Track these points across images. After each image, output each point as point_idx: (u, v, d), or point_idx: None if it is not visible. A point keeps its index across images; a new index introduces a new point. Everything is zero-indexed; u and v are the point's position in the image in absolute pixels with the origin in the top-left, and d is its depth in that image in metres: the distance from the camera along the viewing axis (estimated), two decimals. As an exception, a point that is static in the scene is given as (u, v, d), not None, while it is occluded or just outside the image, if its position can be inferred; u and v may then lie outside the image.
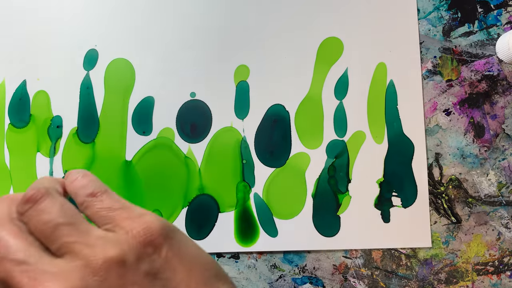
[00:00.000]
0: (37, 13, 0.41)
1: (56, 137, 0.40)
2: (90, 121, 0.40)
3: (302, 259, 0.40)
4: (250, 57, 0.40)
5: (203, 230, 0.39)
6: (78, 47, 0.41)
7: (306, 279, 0.40)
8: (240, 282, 0.40)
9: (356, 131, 0.40)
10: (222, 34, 0.40)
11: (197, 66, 0.40)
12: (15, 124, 0.40)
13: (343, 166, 0.39)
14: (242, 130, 0.40)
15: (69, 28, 0.41)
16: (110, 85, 0.40)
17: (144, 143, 0.40)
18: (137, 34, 0.41)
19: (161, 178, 0.39)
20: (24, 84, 0.41)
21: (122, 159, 0.40)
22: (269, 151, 0.40)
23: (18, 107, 0.40)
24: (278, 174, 0.39)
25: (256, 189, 0.39)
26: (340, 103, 0.40)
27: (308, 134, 0.40)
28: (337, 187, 0.39)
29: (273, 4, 0.41)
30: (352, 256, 0.39)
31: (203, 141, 0.40)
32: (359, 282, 0.39)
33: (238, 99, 0.40)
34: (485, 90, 0.39)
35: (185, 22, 0.41)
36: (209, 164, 0.40)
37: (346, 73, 0.40)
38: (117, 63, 0.41)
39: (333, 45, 0.40)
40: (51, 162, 0.40)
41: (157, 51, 0.40)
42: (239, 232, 0.39)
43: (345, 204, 0.39)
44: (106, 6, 0.41)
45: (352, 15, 0.40)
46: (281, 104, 0.40)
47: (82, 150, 0.40)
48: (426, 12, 0.40)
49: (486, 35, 0.40)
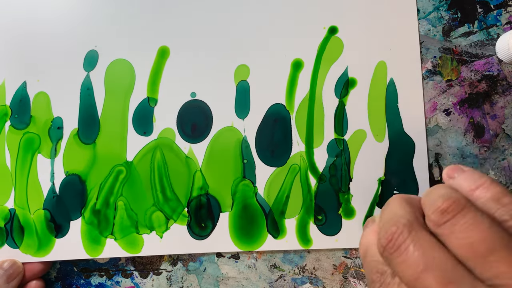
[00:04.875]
0: (37, 14, 0.41)
1: (57, 139, 0.40)
2: (90, 122, 0.40)
3: (302, 259, 0.40)
4: (250, 56, 0.40)
5: (204, 230, 0.39)
6: (78, 48, 0.41)
7: (306, 279, 0.40)
8: (240, 282, 0.40)
9: (357, 130, 0.40)
10: (222, 33, 0.40)
11: (197, 66, 0.40)
12: (16, 126, 0.40)
13: (344, 165, 0.39)
14: (242, 130, 0.40)
15: (69, 29, 0.41)
16: (110, 86, 0.40)
17: (145, 144, 0.40)
18: (137, 35, 0.41)
19: (162, 178, 0.40)
20: (24, 85, 0.40)
21: (123, 159, 0.40)
22: (270, 150, 0.40)
23: (19, 108, 0.40)
24: (279, 173, 0.40)
25: (257, 188, 0.39)
26: (340, 101, 0.40)
27: (308, 133, 0.40)
28: (338, 186, 0.39)
29: (273, 3, 0.40)
30: (352, 256, 0.40)
31: (204, 141, 0.40)
32: (359, 282, 0.40)
33: (238, 98, 0.40)
34: (485, 90, 0.39)
35: (185, 22, 0.40)
36: (210, 164, 0.40)
37: (346, 71, 0.40)
38: (118, 64, 0.40)
39: (333, 43, 0.40)
40: (52, 163, 0.40)
41: (157, 52, 0.40)
42: (240, 231, 0.39)
43: (346, 203, 0.39)
44: (106, 7, 0.41)
45: (352, 13, 0.40)
46: (282, 104, 0.40)
47: (83, 151, 0.40)
48: (426, 12, 0.40)
49: (486, 35, 0.40)
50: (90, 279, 0.41)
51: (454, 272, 0.16)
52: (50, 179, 0.40)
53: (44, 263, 0.40)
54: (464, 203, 0.18)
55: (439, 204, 0.18)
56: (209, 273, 0.40)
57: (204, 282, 0.40)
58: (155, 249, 0.39)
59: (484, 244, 0.16)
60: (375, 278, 0.21)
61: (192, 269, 0.40)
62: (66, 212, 0.40)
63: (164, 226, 0.39)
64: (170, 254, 0.40)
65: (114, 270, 0.41)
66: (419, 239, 0.18)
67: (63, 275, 0.41)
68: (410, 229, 0.19)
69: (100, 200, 0.39)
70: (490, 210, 0.18)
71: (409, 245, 0.18)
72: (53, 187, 0.40)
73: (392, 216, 0.20)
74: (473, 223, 0.17)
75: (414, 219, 0.19)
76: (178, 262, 0.41)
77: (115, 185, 0.39)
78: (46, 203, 0.40)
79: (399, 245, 0.18)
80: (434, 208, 0.18)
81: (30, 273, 0.39)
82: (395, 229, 0.19)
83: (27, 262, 0.39)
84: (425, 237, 0.18)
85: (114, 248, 0.39)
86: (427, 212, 0.19)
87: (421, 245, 0.18)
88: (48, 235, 0.40)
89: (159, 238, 0.39)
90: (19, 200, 0.40)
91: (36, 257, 0.39)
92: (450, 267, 0.17)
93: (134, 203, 0.39)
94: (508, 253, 0.16)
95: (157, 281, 0.41)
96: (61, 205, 0.40)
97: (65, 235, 0.40)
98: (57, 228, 0.40)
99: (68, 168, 0.40)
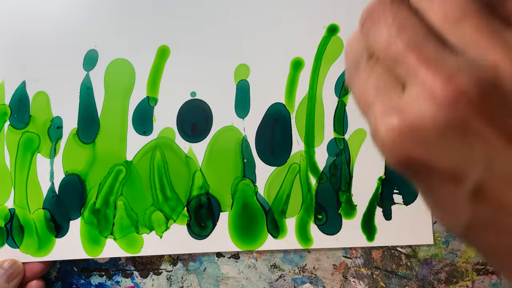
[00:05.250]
0: (37, 13, 0.41)
1: (57, 138, 0.40)
2: (90, 122, 0.40)
3: (302, 259, 0.40)
4: (250, 56, 0.40)
5: (204, 230, 0.39)
6: (78, 48, 0.41)
7: (306, 279, 0.40)
8: (240, 282, 0.40)
9: (357, 129, 0.40)
10: (222, 33, 0.40)
11: (197, 66, 0.40)
12: (15, 125, 0.40)
13: (344, 164, 0.39)
14: (242, 129, 0.40)
15: (68, 29, 0.41)
16: (110, 85, 0.40)
17: (145, 143, 0.40)
18: (136, 34, 0.40)
19: (162, 178, 0.40)
20: (23, 85, 0.40)
21: (123, 159, 0.40)
22: (270, 149, 0.40)
23: (18, 108, 0.40)
24: (279, 173, 0.39)
25: (258, 188, 0.39)
26: (340, 101, 0.40)
27: (308, 132, 0.40)
28: (338, 185, 0.39)
29: (273, 3, 0.40)
30: (352, 256, 0.40)
31: (204, 141, 0.40)
32: (359, 282, 0.39)
33: (238, 98, 0.40)
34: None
35: (185, 22, 0.40)
36: (210, 163, 0.40)
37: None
38: (117, 63, 0.40)
39: (333, 43, 0.40)
40: (51, 163, 0.40)
41: (156, 51, 0.40)
42: (240, 231, 0.39)
43: (346, 202, 0.39)
44: (106, 6, 0.41)
45: (352, 12, 0.40)
46: (282, 103, 0.40)
47: (82, 150, 0.40)
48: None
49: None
50: (90, 279, 0.41)
51: (424, 38, 0.17)
52: (49, 179, 0.40)
53: (44, 263, 0.40)
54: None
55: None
56: (209, 273, 0.40)
57: (204, 282, 0.40)
58: (155, 249, 0.39)
59: (458, 10, 0.17)
60: (351, 65, 0.21)
61: (192, 269, 0.40)
62: (65, 212, 0.40)
63: (164, 226, 0.39)
64: (170, 254, 0.40)
65: (114, 270, 0.41)
66: (399, 11, 0.18)
67: (63, 275, 0.41)
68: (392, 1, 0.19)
69: (99, 199, 0.39)
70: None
71: (388, 15, 0.18)
72: (52, 186, 0.40)
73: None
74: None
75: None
76: (178, 262, 0.41)
77: (114, 184, 0.39)
78: (46, 203, 0.40)
79: (379, 15, 0.19)
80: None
81: (30, 272, 0.39)
82: (378, 2, 0.19)
83: (27, 262, 0.39)
84: (405, 9, 0.18)
85: (114, 248, 0.39)
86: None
87: (399, 15, 0.18)
88: (49, 234, 0.40)
89: (159, 238, 0.39)
90: (19, 200, 0.40)
91: (36, 257, 0.39)
92: (421, 34, 0.17)
93: (134, 202, 0.39)
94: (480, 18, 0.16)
95: (157, 281, 0.41)
96: (60, 205, 0.40)
97: (65, 235, 0.40)
98: (57, 228, 0.40)
99: (68, 167, 0.40)
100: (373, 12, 0.19)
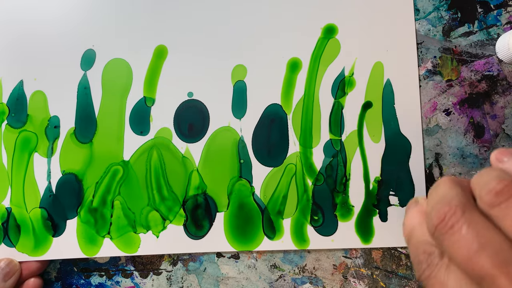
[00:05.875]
0: (34, 12, 0.41)
1: (54, 137, 0.40)
2: (87, 121, 0.40)
3: (302, 259, 0.40)
4: (247, 56, 0.40)
5: (201, 230, 0.39)
6: (76, 47, 0.41)
7: (306, 279, 0.40)
8: (240, 282, 0.40)
9: (353, 131, 0.39)
10: (219, 33, 0.40)
11: (194, 66, 0.40)
12: (12, 124, 0.40)
13: (341, 165, 0.39)
14: (239, 130, 0.40)
15: (66, 28, 0.41)
16: (107, 85, 0.40)
17: (142, 143, 0.40)
18: (134, 34, 0.40)
19: (158, 178, 0.40)
20: (21, 84, 0.41)
21: (120, 159, 0.40)
22: (266, 150, 0.40)
23: (16, 107, 0.41)
24: (276, 174, 0.39)
25: (254, 188, 0.39)
26: (337, 102, 0.39)
27: (305, 133, 0.39)
28: (334, 186, 0.39)
29: (270, 3, 0.40)
30: (352, 256, 0.40)
31: (201, 141, 0.40)
32: (359, 282, 0.39)
33: (235, 98, 0.40)
34: (485, 90, 0.39)
35: (182, 22, 0.40)
36: (207, 163, 0.40)
37: (343, 72, 0.40)
38: (115, 63, 0.40)
39: (330, 44, 0.40)
40: (48, 162, 0.40)
41: (154, 51, 0.40)
42: (236, 231, 0.39)
43: (342, 203, 0.39)
44: (103, 6, 0.41)
45: (349, 14, 0.40)
46: (278, 104, 0.40)
47: (79, 150, 0.40)
48: (426, 12, 0.40)
49: (486, 35, 0.39)
50: (90, 279, 0.41)
51: (510, 253, 0.16)
52: (46, 178, 0.40)
53: (41, 261, 0.40)
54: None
55: (493, 185, 0.18)
56: (209, 273, 0.40)
57: (204, 282, 0.40)
58: (151, 249, 0.39)
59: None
60: (422, 259, 0.20)
61: (192, 269, 0.40)
62: (62, 211, 0.40)
63: (161, 225, 0.39)
64: (170, 254, 0.40)
65: (114, 270, 0.41)
66: (473, 220, 0.18)
67: (63, 275, 0.41)
68: (463, 209, 0.18)
69: (96, 199, 0.40)
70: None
71: (462, 225, 0.18)
72: (49, 186, 0.40)
73: (443, 196, 0.20)
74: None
75: (467, 200, 0.19)
76: (178, 262, 0.41)
77: (112, 184, 0.40)
78: (43, 202, 0.40)
79: (452, 224, 0.18)
80: (488, 189, 0.18)
81: (27, 271, 0.39)
82: (448, 209, 0.19)
83: (24, 260, 0.40)
84: (479, 218, 0.18)
85: (111, 247, 0.39)
86: (480, 194, 0.19)
87: (475, 225, 0.18)
88: (46, 234, 0.40)
89: (156, 237, 0.39)
90: (16, 199, 0.40)
91: (32, 256, 0.40)
92: (506, 248, 0.16)
93: (131, 202, 0.39)
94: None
95: (157, 281, 0.41)
96: (57, 204, 0.40)
97: (61, 234, 0.40)
98: (54, 227, 0.40)
99: (65, 167, 0.40)
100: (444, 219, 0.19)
